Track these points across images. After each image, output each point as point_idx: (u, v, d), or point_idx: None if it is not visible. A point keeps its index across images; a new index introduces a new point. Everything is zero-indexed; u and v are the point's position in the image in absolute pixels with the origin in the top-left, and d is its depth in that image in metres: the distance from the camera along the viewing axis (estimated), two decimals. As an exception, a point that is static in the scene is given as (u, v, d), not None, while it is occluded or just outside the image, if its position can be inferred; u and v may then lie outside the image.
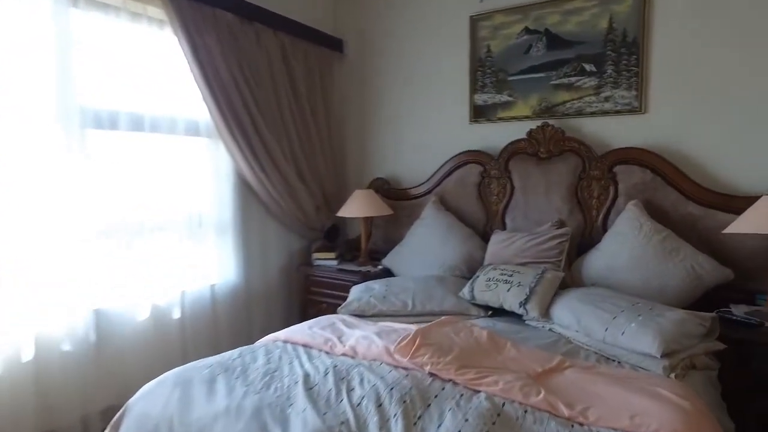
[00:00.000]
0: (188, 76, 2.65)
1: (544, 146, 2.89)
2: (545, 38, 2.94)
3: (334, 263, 3.32)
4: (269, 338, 2.19)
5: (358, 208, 3.25)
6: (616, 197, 2.70)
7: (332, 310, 3.11)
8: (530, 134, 2.93)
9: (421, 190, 3.39)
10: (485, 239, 3.01)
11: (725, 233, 2.29)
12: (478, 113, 3.21)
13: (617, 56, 2.73)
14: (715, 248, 2.43)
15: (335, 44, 3.62)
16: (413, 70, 3.45)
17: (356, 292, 2.72)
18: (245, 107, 2.89)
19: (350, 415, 1.52)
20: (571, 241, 2.69)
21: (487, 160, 3.11)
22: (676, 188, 2.56)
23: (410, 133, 3.51)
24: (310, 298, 3.31)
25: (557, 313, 2.28)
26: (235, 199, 3.04)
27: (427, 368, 1.76)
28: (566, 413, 1.51)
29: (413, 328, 2.15)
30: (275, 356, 1.96)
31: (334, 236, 3.61)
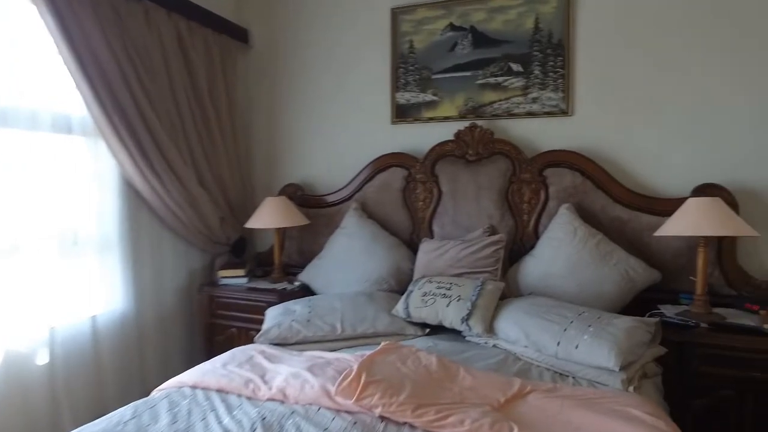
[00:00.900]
0: (57, 59, 2.12)
1: (472, 148, 2.75)
2: (471, 36, 2.80)
3: (243, 281, 2.90)
4: (172, 384, 1.76)
5: (270, 218, 2.87)
6: (547, 201, 2.63)
7: (244, 335, 2.74)
8: (458, 135, 2.77)
9: (339, 196, 3.09)
10: (412, 248, 2.80)
11: (656, 236, 2.29)
12: (400, 113, 3.00)
13: (544, 57, 2.67)
14: (642, 250, 2.43)
15: (240, 34, 3.21)
16: (329, 64, 3.16)
17: (274, 315, 2.36)
18: (133, 100, 2.40)
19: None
20: (504, 247, 2.56)
21: (411, 163, 2.90)
22: (605, 191, 2.53)
23: (326, 134, 3.21)
24: (215, 323, 2.86)
25: (502, 327, 2.12)
26: (121, 210, 2.53)
27: (377, 411, 1.48)
28: (546, 452, 1.31)
29: (349, 357, 1.87)
30: (183, 411, 1.55)
31: (241, 250, 3.19)
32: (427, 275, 2.50)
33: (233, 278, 2.90)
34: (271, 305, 2.55)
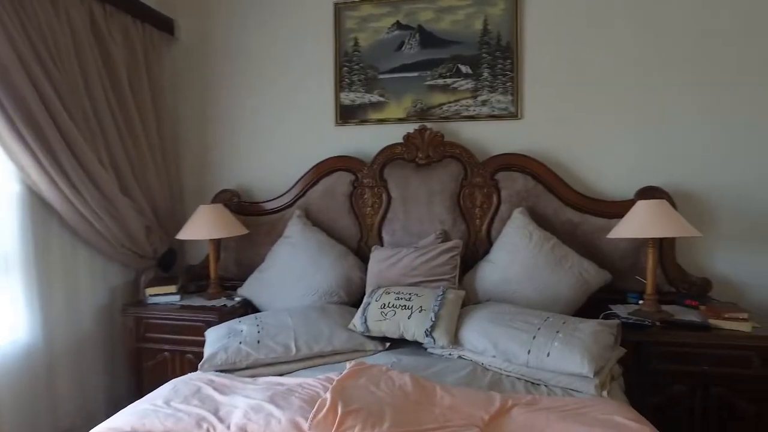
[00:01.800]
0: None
1: (423, 151, 2.66)
2: (419, 35, 2.72)
3: (175, 299, 2.59)
4: (103, 431, 1.48)
5: (205, 227, 2.60)
6: (499, 205, 2.60)
7: (179, 360, 2.45)
8: (407, 138, 2.67)
9: (280, 203, 2.87)
10: (361, 257, 2.67)
11: (609, 237, 2.33)
12: (345, 114, 2.84)
13: (493, 59, 2.64)
14: (593, 252, 2.47)
15: (164, 24, 2.88)
16: (266, 61, 2.93)
17: (217, 336, 2.11)
18: (37, 94, 2.04)
19: None
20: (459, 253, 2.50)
21: (358, 166, 2.75)
22: (556, 195, 2.55)
23: (264, 136, 2.97)
24: (143, 347, 2.52)
25: (468, 337, 2.04)
26: (23, 223, 2.15)
27: (359, 444, 1.32)
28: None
29: (313, 383, 1.70)
30: (125, 465, 1.29)
31: (169, 264, 2.87)
32: (382, 285, 2.37)
33: (163, 296, 2.57)
34: (210, 325, 2.31)
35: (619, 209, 2.41)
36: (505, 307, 2.19)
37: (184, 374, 2.28)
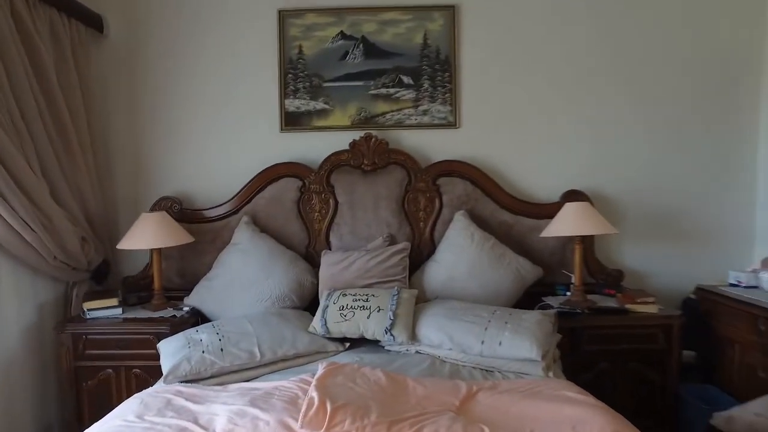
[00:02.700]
0: None
1: (368, 158, 2.77)
2: (362, 46, 2.82)
3: (117, 312, 2.46)
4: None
5: (149, 236, 2.50)
6: (441, 208, 2.78)
7: (125, 376, 2.37)
8: (353, 145, 2.77)
9: (224, 209, 2.83)
10: (310, 262, 2.71)
11: (542, 236, 2.59)
12: (290, 121, 2.87)
13: (433, 72, 2.82)
14: (526, 250, 2.73)
15: (92, 20, 2.72)
16: (205, 63, 2.86)
17: (176, 348, 2.06)
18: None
19: None
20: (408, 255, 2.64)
21: (306, 173, 2.80)
22: (492, 199, 2.77)
23: (205, 141, 2.90)
24: (83, 366, 2.37)
25: (425, 333, 2.18)
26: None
27: (351, 437, 1.39)
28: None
29: (289, 384, 1.74)
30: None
31: (103, 276, 2.71)
32: (337, 288, 2.44)
33: (104, 309, 2.43)
34: (161, 337, 2.24)
35: (548, 211, 2.70)
36: (454, 303, 2.36)
37: (131, 391, 2.22)
